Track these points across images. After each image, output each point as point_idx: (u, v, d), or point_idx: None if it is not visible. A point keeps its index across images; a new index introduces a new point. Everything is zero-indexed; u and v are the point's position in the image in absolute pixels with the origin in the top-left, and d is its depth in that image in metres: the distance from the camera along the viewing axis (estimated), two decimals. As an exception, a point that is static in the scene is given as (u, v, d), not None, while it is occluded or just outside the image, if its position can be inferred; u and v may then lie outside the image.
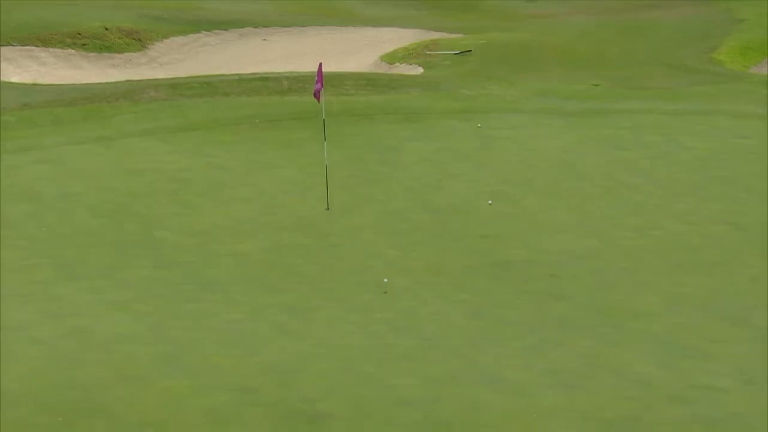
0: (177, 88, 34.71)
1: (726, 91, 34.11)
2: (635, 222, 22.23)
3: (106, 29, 50.14)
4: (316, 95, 22.47)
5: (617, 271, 19.71)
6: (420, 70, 43.70)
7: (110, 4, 55.51)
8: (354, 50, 52.28)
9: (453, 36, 51.59)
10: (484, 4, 64.24)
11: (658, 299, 18.35)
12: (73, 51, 48.03)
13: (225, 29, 54.85)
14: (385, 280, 18.89)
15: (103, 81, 40.48)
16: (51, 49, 47.42)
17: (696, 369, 15.31)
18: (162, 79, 39.64)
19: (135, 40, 50.73)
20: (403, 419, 13.37)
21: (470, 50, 45.82)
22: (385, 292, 18.28)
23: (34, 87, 37.18)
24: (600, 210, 22.97)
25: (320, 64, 23.10)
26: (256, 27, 55.87)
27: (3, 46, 45.61)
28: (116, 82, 38.45)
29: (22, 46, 46.51)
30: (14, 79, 40.45)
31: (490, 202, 23.15)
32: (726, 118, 29.81)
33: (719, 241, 21.20)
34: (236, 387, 14.10)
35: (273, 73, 39.27)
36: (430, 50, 47.17)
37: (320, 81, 22.37)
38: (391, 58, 47.72)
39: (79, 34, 49.06)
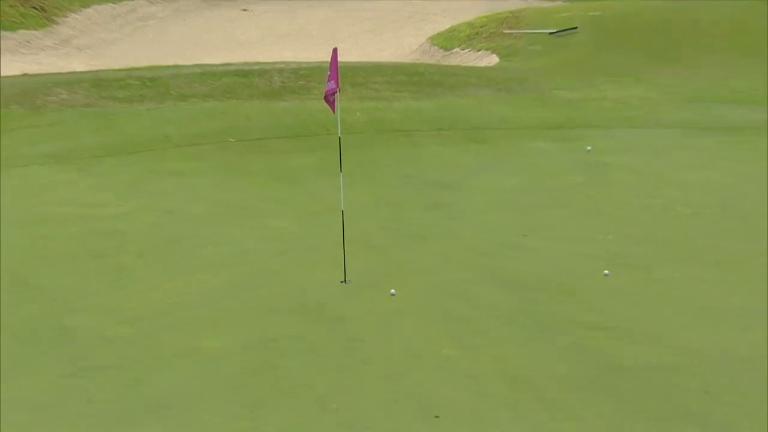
0: (104, 86, 35.15)
1: None
2: (838, 305, 22.29)
3: (-8, -7, 50.83)
4: (328, 99, 22.68)
5: (810, 383, 19.75)
6: (494, 60, 44.02)
7: (-1, -46, 56.29)
8: (387, 28, 52.68)
9: (545, 4, 51.94)
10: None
11: None
12: (-61, 27, 48.68)
13: (181, -7, 55.42)
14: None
15: (-13, 75, 41.00)
16: None
17: None
18: (80, 72, 40.13)
19: (36, 11, 51.40)
20: None
21: (575, 27, 46.15)
22: (437, 417, 18.37)
23: None
24: (781, 285, 23.06)
25: (334, 51, 23.34)
26: (230, -10, 56.37)
27: None
28: (6, 77, 38.93)
29: None
30: None
31: (607, 272, 23.24)
32: None
33: None
34: None
35: (256, 63, 39.68)
36: (510, 28, 47.57)
37: (334, 77, 22.59)
38: (446, 40, 48.14)
39: (-51, 0, 49.76)
